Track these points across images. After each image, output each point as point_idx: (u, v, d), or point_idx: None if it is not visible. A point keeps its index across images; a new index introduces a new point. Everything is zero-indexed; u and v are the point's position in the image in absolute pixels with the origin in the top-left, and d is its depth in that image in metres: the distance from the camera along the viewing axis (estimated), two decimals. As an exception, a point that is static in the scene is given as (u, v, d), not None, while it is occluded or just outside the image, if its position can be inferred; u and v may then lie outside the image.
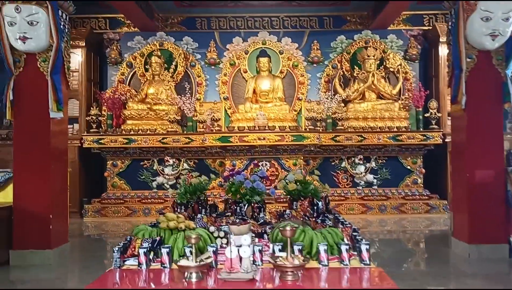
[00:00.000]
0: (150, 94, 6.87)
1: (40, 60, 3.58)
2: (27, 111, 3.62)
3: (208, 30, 7.33)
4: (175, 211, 3.09)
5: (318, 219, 2.58)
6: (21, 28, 3.40)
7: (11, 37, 3.47)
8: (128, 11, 6.33)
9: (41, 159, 3.66)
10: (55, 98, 3.52)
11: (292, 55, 7.15)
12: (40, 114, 3.61)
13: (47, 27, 3.51)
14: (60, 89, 3.58)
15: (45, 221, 3.61)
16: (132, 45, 7.21)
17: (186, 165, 6.39)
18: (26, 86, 3.60)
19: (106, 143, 6.16)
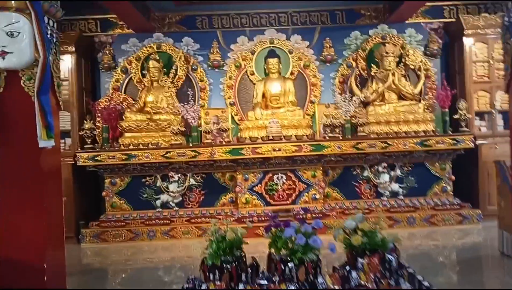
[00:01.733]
0: (149, 103, 6.24)
1: (24, 79, 2.95)
2: (11, 140, 2.99)
3: (210, 29, 6.70)
4: (207, 278, 2.46)
5: (392, 280, 2.01)
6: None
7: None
8: (121, 11, 5.68)
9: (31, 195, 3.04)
10: (44, 123, 2.90)
11: (303, 54, 6.55)
12: (27, 143, 2.98)
13: (30, 38, 2.87)
14: (50, 112, 2.96)
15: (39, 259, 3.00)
16: (126, 48, 6.56)
17: (192, 180, 5.78)
18: (8, 111, 2.97)
19: (103, 160, 5.54)
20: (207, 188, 5.82)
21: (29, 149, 2.99)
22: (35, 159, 3.02)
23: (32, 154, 3.00)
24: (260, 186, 5.58)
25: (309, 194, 5.56)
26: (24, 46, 2.84)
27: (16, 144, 3.00)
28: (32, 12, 2.84)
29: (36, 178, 3.06)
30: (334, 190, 5.84)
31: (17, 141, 3.01)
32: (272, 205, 5.54)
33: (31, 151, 2.99)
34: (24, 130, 2.97)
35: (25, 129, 2.97)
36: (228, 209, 5.75)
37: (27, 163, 3.03)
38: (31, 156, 3.01)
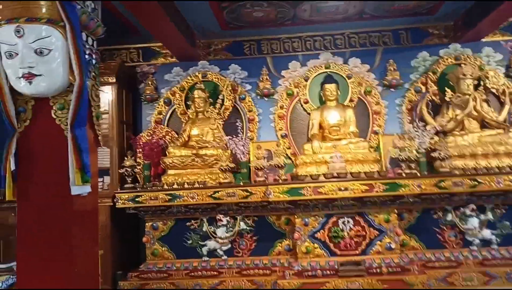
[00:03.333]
0: (194, 136, 5.64)
1: (55, 108, 2.35)
2: (37, 183, 2.37)
3: (259, 55, 6.11)
4: None
5: None
6: (26, 61, 2.19)
7: (10, 76, 2.26)
8: (167, 37, 5.17)
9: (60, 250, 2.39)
10: (79, 164, 2.27)
11: (363, 79, 5.84)
12: (57, 187, 2.35)
13: (64, 58, 2.29)
14: (87, 150, 2.33)
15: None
16: (170, 78, 6.06)
17: (243, 224, 5.04)
18: (35, 147, 2.37)
19: (145, 201, 4.89)
20: (259, 234, 5.06)
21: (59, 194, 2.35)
22: (66, 207, 2.38)
23: (62, 200, 2.37)
24: (323, 232, 4.76)
25: (382, 242, 4.69)
26: (56, 67, 2.25)
27: (43, 188, 2.38)
28: (67, 25, 2.26)
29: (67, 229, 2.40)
30: (411, 237, 4.94)
31: (44, 185, 2.38)
32: (337, 256, 4.69)
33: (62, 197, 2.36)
34: (54, 171, 2.35)
35: (55, 170, 2.35)
36: (284, 259, 4.94)
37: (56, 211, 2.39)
38: (62, 202, 2.37)
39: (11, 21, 2.16)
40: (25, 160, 2.33)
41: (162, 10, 4.33)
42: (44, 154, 2.35)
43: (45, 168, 2.35)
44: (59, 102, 2.34)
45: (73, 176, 2.27)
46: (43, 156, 2.35)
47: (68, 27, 2.27)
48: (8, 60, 2.21)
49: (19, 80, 2.21)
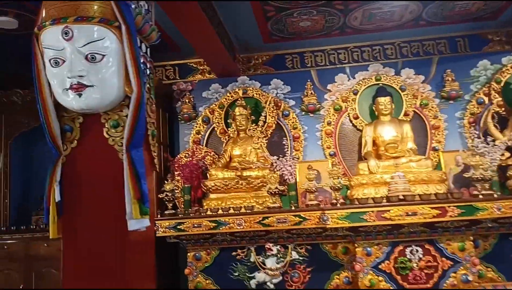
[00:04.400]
0: (235, 157, 5.22)
1: (108, 126, 1.96)
2: (85, 221, 1.95)
3: (302, 68, 5.71)
4: None
5: None
6: (75, 68, 1.80)
7: (56, 87, 1.87)
8: (211, 52, 4.82)
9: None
10: (137, 193, 1.85)
11: (418, 91, 5.35)
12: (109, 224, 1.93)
13: (119, 64, 1.90)
14: (144, 176, 1.91)
15: None
16: (208, 95, 5.69)
17: (295, 254, 4.53)
18: (83, 175, 1.96)
19: (187, 229, 4.44)
20: (314, 264, 4.53)
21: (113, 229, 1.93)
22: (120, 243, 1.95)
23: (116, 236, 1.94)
24: (388, 262, 4.21)
25: (457, 274, 4.11)
26: (110, 76, 1.87)
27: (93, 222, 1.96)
28: (123, 26, 1.88)
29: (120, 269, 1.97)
30: (489, 267, 4.35)
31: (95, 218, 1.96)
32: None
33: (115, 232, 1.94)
34: (106, 202, 1.94)
35: (108, 201, 1.93)
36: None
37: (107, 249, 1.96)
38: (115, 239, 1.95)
39: (58, 22, 1.79)
40: (72, 189, 1.93)
41: (209, 24, 3.99)
42: (94, 182, 1.94)
43: (95, 198, 1.93)
44: (112, 118, 1.94)
45: (130, 208, 1.85)
46: (94, 184, 1.94)
47: (124, 28, 1.88)
48: (54, 68, 1.83)
49: (66, 92, 1.82)
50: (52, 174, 1.87)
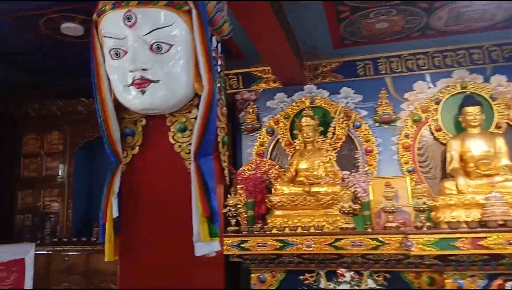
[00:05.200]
0: (302, 171, 4.82)
1: (174, 129, 1.65)
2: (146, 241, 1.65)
3: (376, 76, 5.23)
4: None
5: None
6: (138, 60, 1.52)
7: (116, 84, 1.60)
8: (279, 59, 4.51)
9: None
10: (206, 211, 1.52)
11: (511, 100, 4.69)
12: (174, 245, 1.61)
13: (189, 56, 1.60)
14: (214, 190, 1.57)
15: None
16: (272, 105, 5.38)
17: (371, 282, 4.02)
18: (144, 186, 1.66)
19: (251, 248, 4.10)
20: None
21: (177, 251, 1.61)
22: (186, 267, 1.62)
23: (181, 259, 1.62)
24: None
25: None
26: (178, 69, 1.56)
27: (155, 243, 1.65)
28: (194, 11, 1.58)
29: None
30: None
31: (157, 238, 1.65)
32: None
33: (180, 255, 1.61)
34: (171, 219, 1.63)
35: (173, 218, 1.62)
36: (428, 330, 3.83)
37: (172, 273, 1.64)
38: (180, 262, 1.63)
39: (119, 5, 1.52)
40: (132, 203, 1.63)
41: (279, 27, 3.68)
42: (157, 195, 1.63)
43: (158, 214, 1.63)
44: (179, 121, 1.64)
45: (197, 229, 1.52)
46: (156, 197, 1.63)
47: (194, 14, 1.58)
48: (114, 61, 1.56)
49: (127, 89, 1.54)
50: (110, 185, 1.59)
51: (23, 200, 5.13)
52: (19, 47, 4.54)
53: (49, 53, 4.72)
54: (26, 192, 5.14)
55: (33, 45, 4.48)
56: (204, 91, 1.57)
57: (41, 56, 4.78)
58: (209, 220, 1.53)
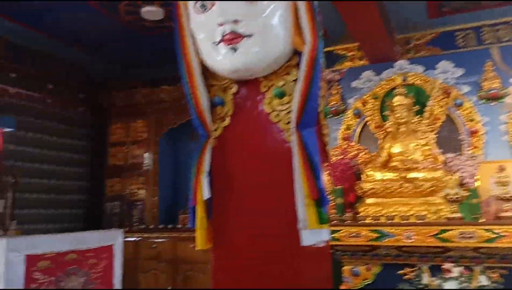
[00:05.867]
0: (395, 155, 4.37)
1: (271, 95, 1.39)
2: (243, 228, 1.41)
3: (479, 46, 4.58)
4: None
5: None
6: (227, 11, 1.28)
7: (203, 44, 1.37)
8: (369, 32, 4.09)
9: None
10: (313, 192, 1.23)
11: None
12: (274, 232, 1.36)
13: (287, 6, 1.32)
14: (320, 167, 1.27)
15: None
16: (359, 85, 4.95)
17: (484, 279, 3.50)
18: (238, 163, 1.42)
19: (343, 239, 3.78)
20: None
21: (277, 236, 1.36)
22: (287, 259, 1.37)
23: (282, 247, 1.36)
24: None
25: None
26: (276, 21, 1.30)
27: (253, 230, 1.41)
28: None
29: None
30: None
31: (256, 224, 1.41)
32: None
33: (281, 241, 1.36)
34: (270, 201, 1.38)
35: (272, 200, 1.37)
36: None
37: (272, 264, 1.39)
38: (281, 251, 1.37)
39: None
40: (224, 183, 1.41)
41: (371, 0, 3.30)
42: (254, 174, 1.39)
43: (256, 196, 1.38)
44: (276, 85, 1.37)
45: (303, 214, 1.25)
46: (253, 177, 1.39)
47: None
48: (200, 15, 1.33)
49: (216, 48, 1.31)
50: (199, 162, 1.37)
51: (111, 188, 5.27)
52: (103, 37, 4.60)
53: (131, 42, 4.74)
54: (113, 180, 5.28)
55: (116, 34, 4.52)
56: (306, 46, 1.29)
57: (123, 45, 4.82)
58: (316, 203, 1.25)
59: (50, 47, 4.77)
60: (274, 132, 1.35)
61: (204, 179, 1.36)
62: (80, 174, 5.32)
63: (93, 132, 5.53)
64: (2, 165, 4.32)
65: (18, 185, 4.31)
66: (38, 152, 4.81)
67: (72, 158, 5.22)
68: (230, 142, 1.40)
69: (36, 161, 4.79)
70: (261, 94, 1.38)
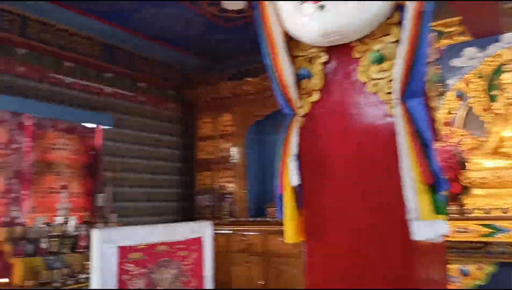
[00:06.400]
0: (507, 139, 3.82)
1: (366, 62, 1.17)
2: (339, 218, 1.21)
3: None
4: None
5: None
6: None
7: (285, 5, 1.19)
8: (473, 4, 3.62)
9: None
10: (428, 177, 1.00)
11: None
12: (376, 223, 1.15)
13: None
14: (431, 145, 1.03)
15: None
16: (459, 64, 4.41)
17: None
18: (331, 144, 1.23)
19: (448, 235, 3.37)
20: None
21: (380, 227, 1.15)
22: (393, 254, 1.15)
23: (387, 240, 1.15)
24: None
25: None
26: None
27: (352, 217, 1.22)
28: None
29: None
30: None
31: (354, 211, 1.22)
32: None
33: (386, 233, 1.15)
34: (369, 185, 1.17)
35: (371, 183, 1.16)
36: None
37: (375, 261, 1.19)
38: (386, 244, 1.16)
39: None
40: (315, 167, 1.22)
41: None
42: (349, 156, 1.19)
43: (353, 182, 1.18)
44: (372, 49, 1.16)
45: (414, 201, 1.03)
46: (349, 160, 1.19)
47: None
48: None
49: (300, 8, 1.13)
50: (285, 144, 1.21)
51: (201, 181, 5.35)
52: (187, 32, 4.65)
53: (214, 35, 4.74)
54: (203, 173, 5.35)
55: (199, 27, 4.53)
56: (410, 9, 1.06)
57: (207, 38, 4.84)
58: (430, 189, 1.02)
59: (138, 46, 4.95)
60: (373, 105, 1.14)
61: (292, 163, 1.19)
62: (172, 168, 5.48)
63: (183, 127, 5.67)
64: (101, 161, 4.58)
65: (116, 179, 4.54)
66: (133, 148, 5.03)
67: (164, 153, 5.40)
68: (320, 120, 1.22)
69: (132, 156, 5.01)
70: (354, 61, 1.18)
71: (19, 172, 3.80)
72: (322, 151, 1.23)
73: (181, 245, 2.60)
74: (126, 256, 2.18)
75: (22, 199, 3.80)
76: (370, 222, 1.15)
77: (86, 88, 4.55)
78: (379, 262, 1.16)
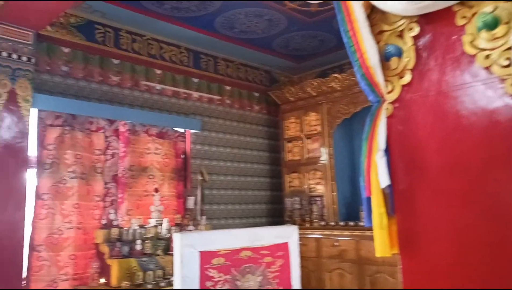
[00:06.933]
0: None
1: (473, 28, 0.92)
2: (439, 225, 0.98)
3: None
4: None
5: None
6: None
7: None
8: None
9: None
10: None
11: None
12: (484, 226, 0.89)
13: None
14: None
15: None
16: None
17: None
18: (427, 138, 0.99)
19: None
20: None
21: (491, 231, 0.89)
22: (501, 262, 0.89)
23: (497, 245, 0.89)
24: None
25: None
26: None
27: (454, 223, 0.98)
28: None
29: None
30: None
31: (458, 216, 0.97)
32: None
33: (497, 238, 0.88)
34: (478, 185, 0.92)
35: (477, 183, 0.91)
36: None
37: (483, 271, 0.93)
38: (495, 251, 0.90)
39: None
40: (409, 165, 1.00)
41: None
42: (455, 150, 0.94)
43: (456, 184, 0.93)
44: (482, 11, 0.90)
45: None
46: (455, 155, 0.95)
47: None
48: None
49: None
50: (371, 137, 1.01)
51: (290, 184, 5.21)
52: (271, 31, 4.54)
53: (297, 32, 4.57)
54: (291, 175, 5.20)
55: (283, 25, 4.40)
56: None
57: (291, 36, 4.69)
58: None
59: (222, 49, 4.97)
60: (485, 83, 0.88)
61: (380, 160, 0.98)
62: (260, 171, 5.43)
63: (270, 129, 5.60)
64: (191, 164, 4.66)
65: (205, 182, 4.58)
66: (221, 151, 5.07)
67: (252, 155, 5.37)
68: (414, 106, 0.99)
69: (220, 159, 5.05)
70: (458, 29, 0.93)
71: (116, 176, 4.01)
72: (419, 145, 1.00)
73: (266, 251, 2.47)
74: (209, 262, 2.11)
75: (119, 202, 4.00)
76: (481, 232, 0.90)
77: (175, 94, 4.68)
78: (491, 278, 0.90)
